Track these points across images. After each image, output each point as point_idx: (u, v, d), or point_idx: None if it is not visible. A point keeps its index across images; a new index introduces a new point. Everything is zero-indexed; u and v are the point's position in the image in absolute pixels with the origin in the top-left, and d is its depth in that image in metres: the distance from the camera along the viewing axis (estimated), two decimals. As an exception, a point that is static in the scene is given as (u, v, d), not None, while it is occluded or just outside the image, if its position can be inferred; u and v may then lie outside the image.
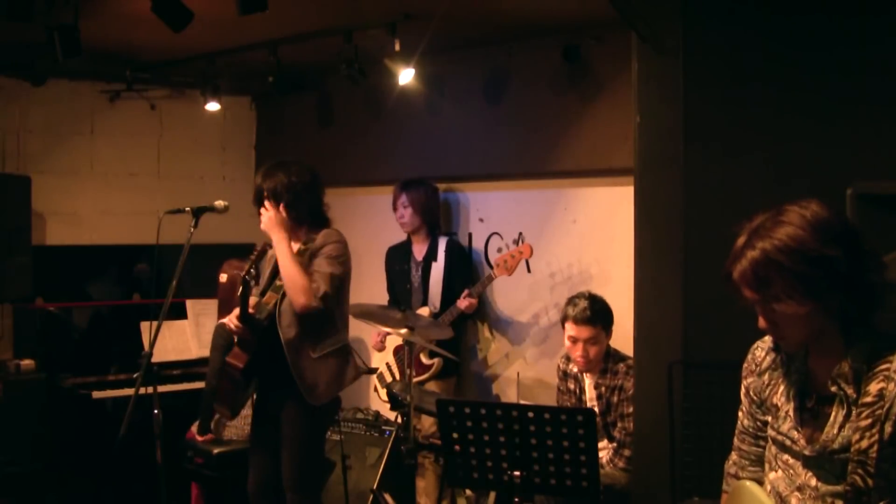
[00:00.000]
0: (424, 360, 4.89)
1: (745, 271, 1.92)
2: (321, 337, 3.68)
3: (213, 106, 5.48)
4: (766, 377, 2.14)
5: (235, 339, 3.71)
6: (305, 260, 3.68)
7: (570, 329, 3.81)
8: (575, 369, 3.90)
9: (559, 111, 4.71)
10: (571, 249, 4.80)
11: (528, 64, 4.85)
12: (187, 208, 3.62)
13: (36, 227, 5.41)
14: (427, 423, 4.67)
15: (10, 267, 4.93)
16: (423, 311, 4.88)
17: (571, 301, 3.88)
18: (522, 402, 4.14)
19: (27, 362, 5.10)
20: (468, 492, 4.51)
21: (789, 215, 1.91)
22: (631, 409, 3.59)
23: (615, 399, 3.72)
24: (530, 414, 2.77)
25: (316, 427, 3.77)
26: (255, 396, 3.93)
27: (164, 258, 4.16)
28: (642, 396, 3.07)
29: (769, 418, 2.12)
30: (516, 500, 2.83)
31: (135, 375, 3.37)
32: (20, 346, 5.31)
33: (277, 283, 3.73)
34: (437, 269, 4.99)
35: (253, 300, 3.71)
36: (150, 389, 3.51)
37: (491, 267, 5.12)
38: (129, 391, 3.38)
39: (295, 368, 3.62)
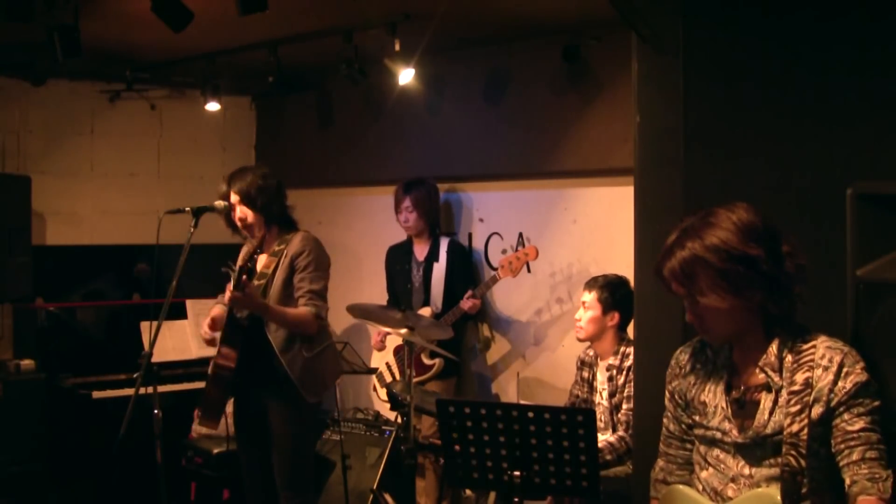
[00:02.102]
0: (425, 360, 4.89)
1: (673, 268, 2.06)
2: (311, 336, 3.76)
3: (213, 106, 5.47)
4: (691, 378, 2.24)
5: (219, 340, 3.77)
6: (282, 260, 3.76)
7: None
8: (591, 353, 3.92)
9: (559, 111, 4.71)
10: (571, 249, 4.80)
11: (528, 64, 4.85)
12: (187, 208, 3.63)
13: (36, 227, 5.41)
14: (427, 423, 4.67)
15: (10, 267, 4.93)
16: (425, 312, 4.87)
17: None
18: (522, 402, 4.14)
19: (27, 362, 5.10)
20: (468, 492, 4.51)
21: (718, 217, 2.05)
22: None
23: (621, 380, 3.73)
24: (530, 414, 2.77)
25: (304, 424, 3.82)
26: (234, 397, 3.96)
27: (164, 258, 4.16)
28: (642, 396, 3.07)
29: (696, 418, 2.21)
30: (516, 500, 2.83)
31: (135, 375, 3.37)
32: (20, 346, 5.31)
33: (255, 282, 3.76)
34: (439, 269, 4.98)
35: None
36: (150, 389, 3.51)
37: (492, 267, 5.13)
38: (129, 391, 3.38)
39: (291, 370, 3.70)
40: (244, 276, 3.58)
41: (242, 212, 3.82)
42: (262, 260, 3.89)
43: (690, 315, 2.11)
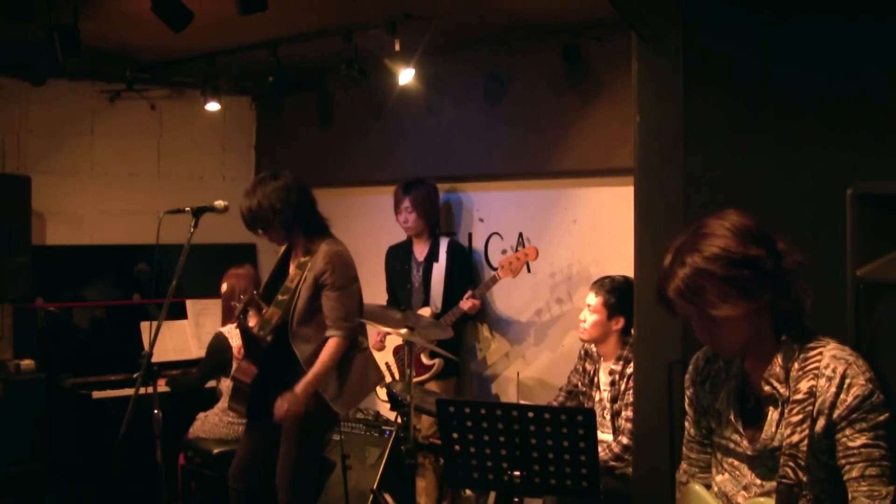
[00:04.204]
0: (425, 360, 4.89)
1: (678, 288, 2.00)
2: None
3: (213, 106, 5.48)
4: (707, 385, 2.22)
5: (242, 353, 3.77)
6: (306, 274, 3.70)
7: None
8: (595, 349, 3.92)
9: (559, 111, 4.71)
10: (571, 249, 4.80)
11: (528, 64, 4.85)
12: (187, 208, 3.62)
13: (36, 227, 5.41)
14: (427, 423, 4.67)
15: (10, 267, 4.93)
16: (425, 312, 4.87)
17: None
18: (522, 402, 4.14)
19: (27, 362, 5.10)
20: (468, 492, 4.51)
21: (710, 227, 2.01)
22: None
23: (623, 386, 3.73)
24: (530, 414, 2.77)
25: (318, 430, 3.79)
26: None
27: (164, 258, 4.16)
28: (642, 396, 3.07)
29: (713, 425, 2.20)
30: (516, 500, 2.83)
31: (135, 375, 3.38)
32: (20, 346, 5.31)
33: (279, 297, 3.74)
34: (439, 269, 4.98)
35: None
36: (150, 389, 3.51)
37: (492, 267, 5.13)
38: (129, 391, 3.39)
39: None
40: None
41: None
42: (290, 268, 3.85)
43: (702, 333, 2.06)
